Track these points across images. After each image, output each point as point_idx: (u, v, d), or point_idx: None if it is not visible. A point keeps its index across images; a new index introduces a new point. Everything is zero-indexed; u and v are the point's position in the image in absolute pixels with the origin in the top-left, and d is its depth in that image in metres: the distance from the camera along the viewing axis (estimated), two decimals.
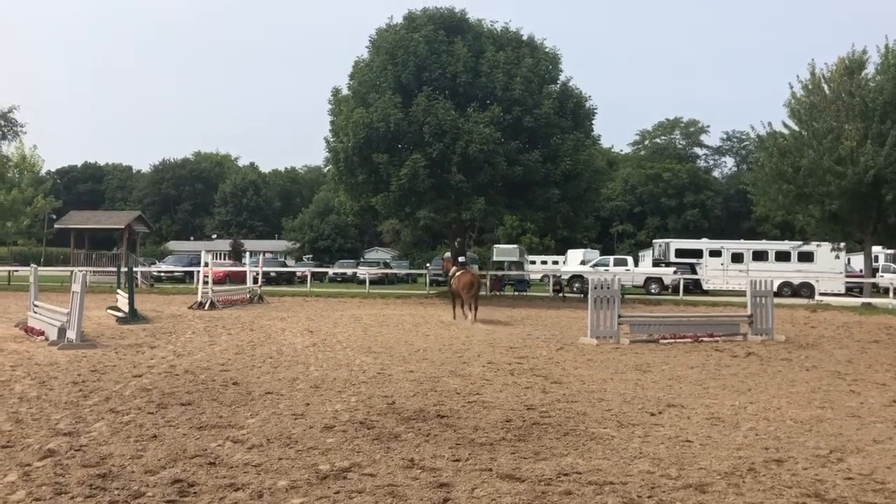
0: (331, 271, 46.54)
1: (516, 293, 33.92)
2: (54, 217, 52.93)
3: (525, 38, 31.09)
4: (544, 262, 57.03)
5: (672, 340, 14.94)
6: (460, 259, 24.38)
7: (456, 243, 32.29)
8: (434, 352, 12.97)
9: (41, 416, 7.25)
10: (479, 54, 28.94)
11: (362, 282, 38.30)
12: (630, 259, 41.92)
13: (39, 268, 19.76)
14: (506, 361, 11.85)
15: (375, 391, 8.95)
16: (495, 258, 49.47)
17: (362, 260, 58.19)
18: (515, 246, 53.48)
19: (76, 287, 13.03)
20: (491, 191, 28.66)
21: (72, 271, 24.26)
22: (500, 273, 37.67)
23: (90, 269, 32.64)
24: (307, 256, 69.80)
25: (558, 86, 30.91)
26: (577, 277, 36.87)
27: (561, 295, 33.23)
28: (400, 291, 34.57)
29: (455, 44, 28.61)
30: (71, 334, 12.74)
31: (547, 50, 31.02)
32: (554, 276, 37.98)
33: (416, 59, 28.18)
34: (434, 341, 14.74)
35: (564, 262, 50.82)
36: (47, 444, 6.12)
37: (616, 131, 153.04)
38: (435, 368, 10.91)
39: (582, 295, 32.04)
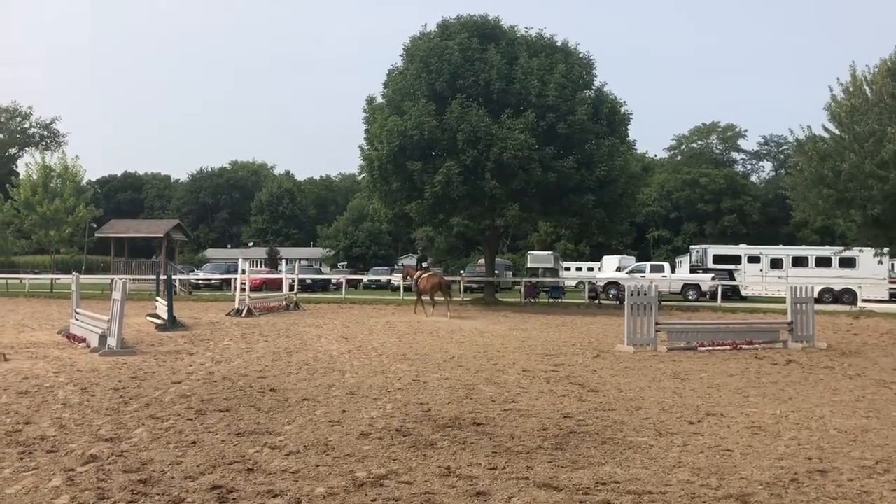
0: (365, 278, 46.72)
1: (551, 300, 33.76)
2: (95, 226, 53.95)
3: (559, 43, 31.01)
4: (579, 269, 56.60)
5: (710, 348, 14.73)
6: (423, 264, 27.85)
7: (420, 250, 32.57)
8: (469, 359, 12.95)
9: (83, 421, 7.38)
10: (513, 61, 28.91)
11: (396, 289, 38.40)
12: (667, 265, 41.43)
13: (81, 276, 20.15)
14: (541, 369, 11.78)
15: (411, 398, 8.95)
16: (530, 265, 49.24)
17: (396, 267, 58.33)
18: (550, 252, 53.17)
19: (117, 295, 13.25)
20: (525, 197, 28.58)
21: (112, 279, 24.76)
22: (534, 280, 37.47)
23: (130, 276, 33.21)
24: (342, 263, 70.19)
25: (592, 91, 30.75)
26: (613, 284, 36.55)
27: (597, 302, 32.99)
28: None
29: (489, 51, 28.63)
30: (112, 341, 12.95)
31: (581, 55, 30.90)
32: (589, 282, 37.70)
33: (450, 67, 28.24)
34: (468, 348, 14.71)
35: (600, 269, 50.40)
36: (90, 450, 6.22)
37: (652, 136, 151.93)
38: (470, 376, 10.89)
39: (618, 302, 31.76)
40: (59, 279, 39.08)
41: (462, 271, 44.80)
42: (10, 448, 6.27)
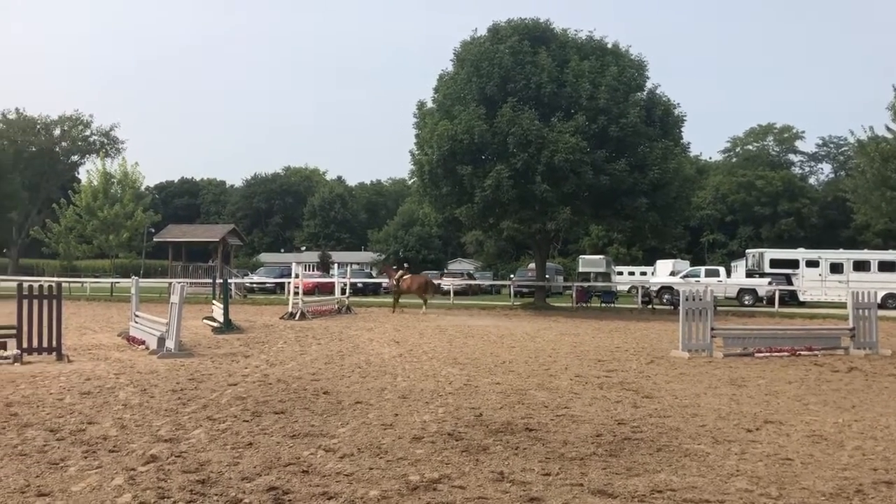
0: None
1: (603, 305, 33.41)
2: (153, 230, 55.31)
3: (610, 46, 30.73)
4: (632, 273, 55.91)
5: (768, 354, 14.40)
6: (405, 265, 29.77)
7: (404, 256, 33.10)
8: (520, 364, 12.89)
9: (143, 422, 7.56)
10: (564, 64, 28.77)
11: (446, 293, 38.51)
12: (722, 269, 40.67)
13: (139, 279, 20.67)
14: (594, 375, 11.67)
15: (463, 402, 8.95)
16: (581, 269, 48.86)
17: (446, 271, 58.46)
18: (602, 256, 52.69)
19: (175, 298, 13.55)
20: (576, 200, 28.39)
21: (170, 283, 25.34)
22: (585, 284, 37.15)
23: (187, 280, 33.96)
24: (393, 267, 70.63)
25: (645, 93, 30.42)
26: (667, 289, 36.04)
27: (650, 307, 32.55)
28: (484, 302, 34.56)
29: (539, 54, 28.53)
30: (170, 344, 13.25)
31: (632, 57, 30.57)
32: (643, 287, 37.22)
33: (501, 71, 28.23)
34: (520, 353, 14.65)
35: (653, 273, 49.73)
36: (150, 450, 6.37)
37: (706, 138, 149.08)
38: (522, 381, 10.84)
39: (672, 307, 31.33)
40: (118, 283, 40.13)
41: (512, 276, 44.64)
42: (75, 447, 6.46)
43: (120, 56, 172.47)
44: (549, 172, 27.11)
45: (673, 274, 42.37)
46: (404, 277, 26.17)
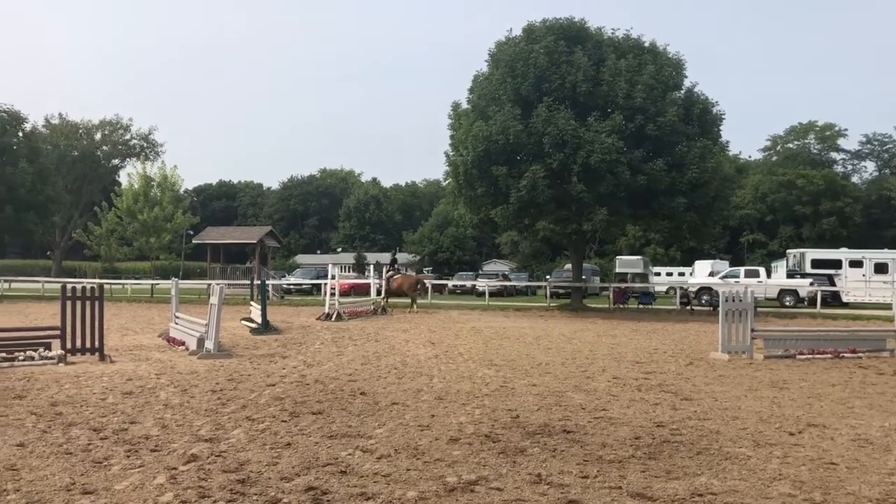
0: (450, 283, 46.96)
1: (641, 306, 33.08)
2: (192, 233, 56.11)
3: (647, 44, 30.44)
4: (670, 274, 55.26)
5: (810, 356, 14.13)
6: (396, 266, 29.76)
7: (395, 255, 33.45)
8: (556, 365, 12.82)
9: (184, 422, 7.66)
10: (600, 63, 28.56)
11: (481, 294, 38.45)
12: (762, 270, 40.00)
13: (179, 281, 20.97)
14: (632, 377, 11.56)
15: (499, 404, 8.93)
16: (618, 270, 48.46)
17: (481, 272, 58.40)
18: (639, 257, 52.20)
19: (214, 300, 13.72)
20: (613, 201, 28.13)
21: (209, 284, 25.67)
22: (623, 285, 36.80)
23: (225, 282, 34.38)
24: (427, 269, 70.76)
25: (682, 92, 30.04)
26: (706, 289, 35.55)
27: (688, 308, 32.15)
28: (519, 304, 34.44)
29: (575, 53, 28.35)
30: (209, 344, 13.42)
31: (670, 55, 30.23)
32: (681, 288, 36.79)
33: (536, 71, 28.11)
34: (556, 355, 14.58)
35: (692, 274, 49.09)
36: (191, 450, 6.45)
37: (745, 137, 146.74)
38: (558, 383, 10.78)
39: (711, 308, 30.93)
40: (158, 284, 40.77)
41: (548, 277, 44.42)
42: (118, 446, 6.57)
43: (158, 60, 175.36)
44: (586, 172, 26.93)
45: (712, 274, 41.80)
46: (394, 277, 26.60)
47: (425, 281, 27.52)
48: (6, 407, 8.34)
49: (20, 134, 44.14)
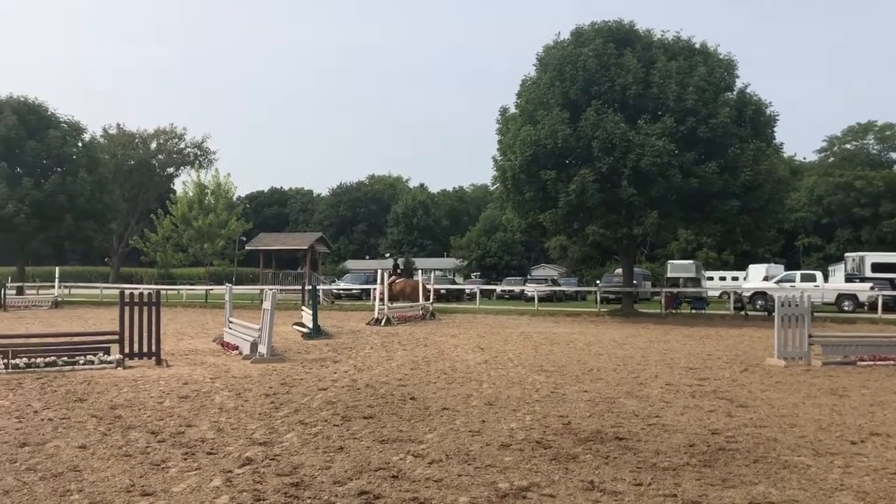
0: (499, 288, 46.79)
1: (693, 311, 32.55)
2: (244, 239, 57.09)
3: (697, 45, 29.99)
4: (723, 279, 54.24)
5: (871, 363, 13.71)
6: (399, 270, 30.08)
7: (397, 261, 33.31)
8: (608, 371, 12.69)
9: (239, 425, 7.79)
10: (650, 65, 28.23)
11: (530, 299, 38.26)
12: (819, 274, 39.01)
13: (233, 287, 21.32)
14: (686, 383, 11.37)
15: (550, 410, 8.87)
16: (669, 274, 47.69)
17: (529, 277, 58.10)
18: (692, 261, 51.29)
19: (267, 305, 13.92)
20: (664, 204, 27.77)
21: (262, 289, 26.09)
22: (674, 290, 36.24)
23: (277, 287, 34.85)
24: (475, 274, 70.70)
25: (734, 93, 29.52)
26: (760, 294, 34.82)
27: (743, 313, 31.52)
28: (569, 309, 34.18)
29: (625, 56, 28.08)
30: (262, 349, 13.62)
31: (721, 56, 29.73)
32: (734, 292, 36.08)
33: (585, 74, 27.92)
34: (607, 360, 14.42)
35: (745, 278, 48.10)
36: (245, 453, 6.56)
37: (800, 138, 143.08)
38: (610, 389, 10.66)
39: (766, 313, 30.29)
40: (212, 290, 41.51)
41: (598, 281, 43.98)
42: (175, 449, 6.71)
43: (210, 70, 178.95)
44: (636, 176, 26.62)
45: (766, 279, 40.88)
46: (396, 282, 27.03)
47: (427, 286, 27.92)
48: (68, 409, 8.58)
49: (80, 144, 45.40)
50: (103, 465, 6.12)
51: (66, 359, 12.18)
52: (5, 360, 11.69)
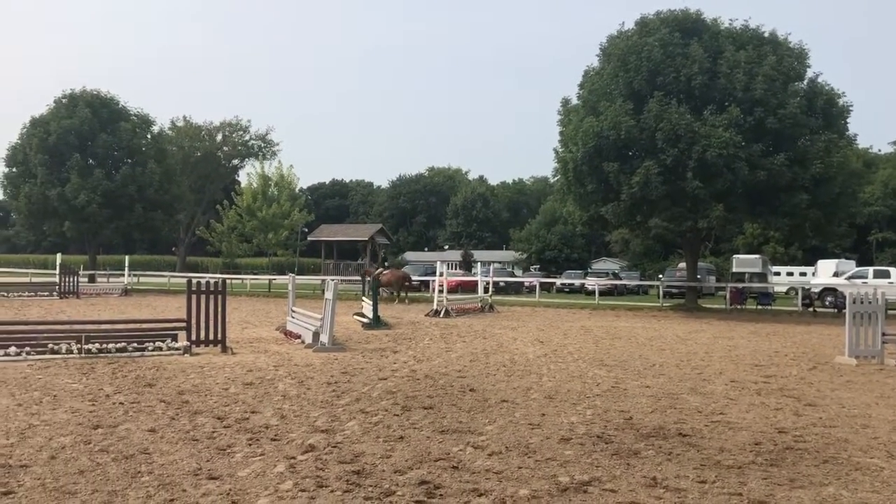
0: (558, 282, 46.47)
1: (759, 307, 31.76)
2: (306, 230, 57.95)
3: (766, 34, 29.13)
4: (790, 274, 52.79)
5: None
6: (385, 263, 34.02)
7: (385, 256, 34.77)
8: (671, 367, 12.48)
9: (301, 413, 7.92)
10: (717, 55, 27.54)
11: (591, 293, 37.86)
12: (894, 270, 37.60)
13: (295, 276, 21.67)
14: (751, 380, 11.11)
15: (611, 405, 8.77)
16: (735, 269, 46.62)
17: (590, 270, 57.52)
18: (758, 256, 50.01)
19: (328, 295, 14.10)
20: (730, 197, 27.11)
21: (323, 279, 26.46)
22: (740, 285, 35.39)
23: (338, 277, 35.29)
24: (534, 267, 70.35)
25: (805, 83, 28.61)
26: (830, 290, 33.73)
27: (811, 309, 30.62)
28: (631, 303, 33.74)
29: (691, 45, 27.46)
30: (324, 338, 13.82)
31: (791, 45, 28.83)
32: (803, 288, 35.06)
33: (650, 64, 27.40)
34: (670, 356, 14.19)
35: (814, 274, 46.69)
36: (308, 440, 6.66)
37: (875, 130, 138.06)
38: (673, 385, 10.48)
39: (836, 310, 29.35)
40: (275, 279, 42.26)
41: (661, 275, 43.26)
42: (240, 434, 6.86)
43: (275, 64, 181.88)
44: (701, 168, 26.05)
45: (836, 275, 39.56)
46: (384, 273, 29.32)
47: (412, 277, 30.01)
48: (138, 394, 8.86)
49: (149, 136, 46.67)
50: (171, 449, 6.30)
51: (135, 345, 12.57)
52: (79, 346, 12.12)
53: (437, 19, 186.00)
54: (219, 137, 72.87)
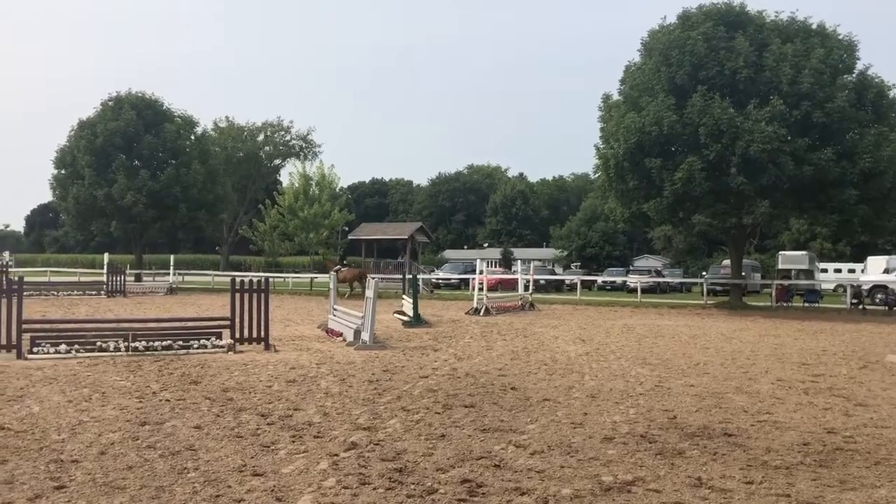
0: (600, 279, 46.09)
1: (806, 304, 31.12)
2: (346, 229, 58.33)
3: (814, 26, 28.49)
4: (838, 271, 51.62)
5: None
6: (344, 262, 35.50)
7: (342, 255, 35.30)
8: (715, 366, 12.29)
9: (343, 410, 7.97)
10: (763, 48, 27.01)
11: (633, 290, 37.49)
12: None
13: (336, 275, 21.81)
14: (798, 379, 10.89)
15: (654, 404, 8.67)
16: (780, 266, 45.74)
17: (632, 268, 56.93)
18: (804, 252, 48.99)
19: (369, 293, 14.19)
20: (776, 193, 26.60)
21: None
22: (786, 282, 34.71)
23: (379, 276, 35.43)
24: (575, 264, 69.86)
25: (854, 76, 27.93)
26: (880, 287, 32.90)
27: (860, 307, 29.91)
28: (674, 301, 33.32)
29: (735, 39, 26.98)
30: (365, 336, 13.90)
31: (840, 37, 28.15)
32: (851, 285, 34.25)
33: (693, 58, 26.99)
34: (714, 355, 13.97)
35: (863, 271, 45.57)
36: (350, 437, 6.70)
37: None
38: (717, 384, 10.32)
39: (886, 307, 28.64)
40: (316, 278, 42.61)
41: (704, 273, 42.65)
42: (284, 431, 6.93)
43: (318, 64, 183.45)
44: (745, 163, 25.59)
45: (887, 271, 38.57)
46: (341, 270, 30.50)
47: (368, 275, 30.68)
48: (184, 391, 9.00)
49: (193, 137, 47.37)
50: (217, 445, 6.38)
51: (181, 342, 12.79)
52: (126, 343, 12.37)
53: (475, 16, 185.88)
54: (260, 138, 73.71)
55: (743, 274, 33.87)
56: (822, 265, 51.40)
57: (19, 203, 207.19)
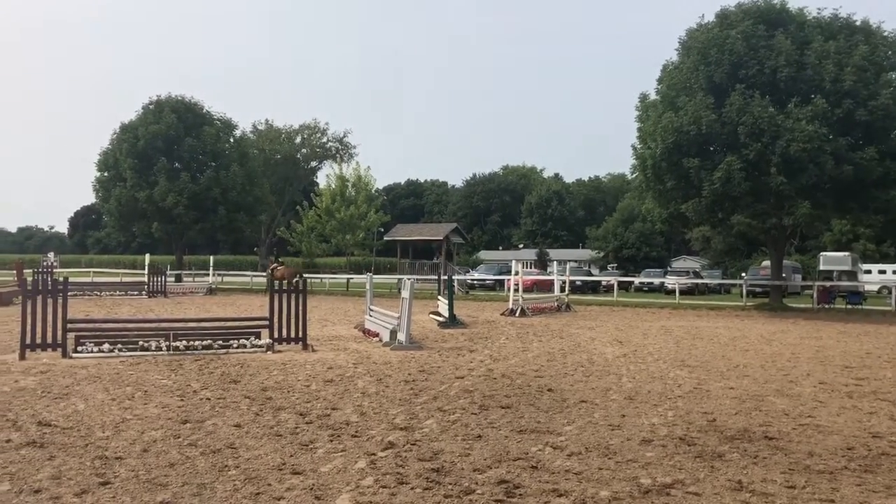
0: (637, 280, 45.65)
1: (849, 306, 30.50)
2: (382, 230, 58.63)
3: (858, 23, 27.90)
4: (882, 272, 50.54)
5: None
6: (279, 261, 36.66)
7: (277, 256, 35.62)
8: (755, 368, 12.11)
9: (380, 410, 8.02)
10: (804, 45, 26.53)
11: (670, 292, 37.08)
12: None
13: (372, 276, 21.95)
14: (841, 382, 10.68)
15: (693, 407, 8.58)
16: (822, 267, 44.95)
17: (670, 269, 56.31)
18: (847, 254, 48.09)
19: (405, 294, 14.25)
20: (817, 193, 26.12)
21: (399, 279, 26.76)
22: (828, 284, 34.05)
23: (414, 276, 35.54)
24: (611, 265, 69.33)
25: None
26: None
27: None
28: (712, 302, 32.87)
29: (776, 37, 26.55)
30: (401, 337, 13.97)
31: (885, 34, 27.53)
32: None
33: (732, 57, 26.62)
34: (754, 357, 13.77)
35: None
36: (387, 437, 6.74)
37: None
38: (758, 386, 10.17)
39: None
40: (352, 279, 42.88)
41: (744, 274, 42.01)
42: (322, 431, 6.99)
43: (352, 65, 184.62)
44: (785, 163, 25.16)
45: None
46: (277, 269, 30.77)
47: (302, 274, 31.34)
48: (224, 390, 9.13)
49: (231, 140, 48.02)
50: (256, 444, 6.47)
51: (220, 342, 12.98)
52: (167, 343, 12.58)
53: (510, 15, 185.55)
54: (298, 140, 74.41)
55: (783, 275, 33.32)
56: (865, 266, 50.36)
57: (64, 205, 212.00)
